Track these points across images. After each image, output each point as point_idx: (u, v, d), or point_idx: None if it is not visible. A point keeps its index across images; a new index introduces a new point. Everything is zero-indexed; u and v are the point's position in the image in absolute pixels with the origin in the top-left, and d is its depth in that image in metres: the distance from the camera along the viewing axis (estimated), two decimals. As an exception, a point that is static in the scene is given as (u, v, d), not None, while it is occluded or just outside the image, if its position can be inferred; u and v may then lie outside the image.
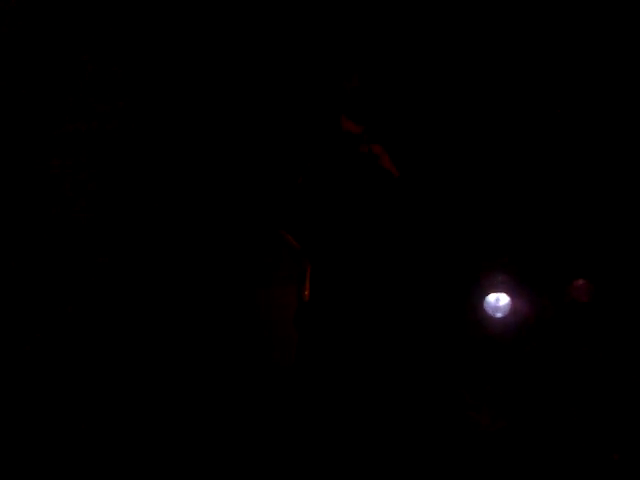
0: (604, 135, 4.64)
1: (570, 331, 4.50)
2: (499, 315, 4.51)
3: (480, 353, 4.49)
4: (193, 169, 4.67)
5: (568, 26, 4.68)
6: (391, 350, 4.25)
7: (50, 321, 4.47)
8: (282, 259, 4.45)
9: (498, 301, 4.52)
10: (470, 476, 4.31)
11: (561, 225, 4.62)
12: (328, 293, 4.19)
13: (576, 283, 4.54)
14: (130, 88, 4.73)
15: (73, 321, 4.48)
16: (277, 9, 4.69)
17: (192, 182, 4.65)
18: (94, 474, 4.22)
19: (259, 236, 4.58)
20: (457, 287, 4.53)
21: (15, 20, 4.69)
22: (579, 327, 4.50)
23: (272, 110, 4.67)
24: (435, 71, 4.64)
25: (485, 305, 4.52)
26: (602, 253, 4.58)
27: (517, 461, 4.32)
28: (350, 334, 4.19)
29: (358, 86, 4.25)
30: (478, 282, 4.53)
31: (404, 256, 4.26)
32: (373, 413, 4.20)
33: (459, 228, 4.59)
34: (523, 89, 4.64)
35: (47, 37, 4.69)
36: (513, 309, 4.51)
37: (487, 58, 4.64)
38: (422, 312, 4.40)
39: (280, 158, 4.58)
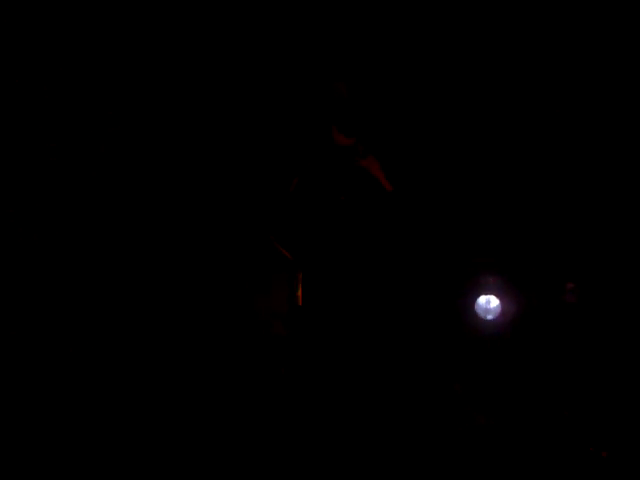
0: (591, 137, 4.65)
1: (560, 333, 4.55)
2: (490, 317, 4.55)
3: (470, 355, 4.55)
4: (188, 179, 4.70)
5: (564, 26, 4.67)
6: (383, 352, 4.33)
7: (50, 321, 4.52)
8: (275, 267, 4.49)
9: (489, 303, 4.56)
10: (462, 474, 4.39)
11: (551, 227, 4.64)
12: (321, 299, 4.26)
13: (566, 285, 4.58)
14: (129, 89, 4.75)
15: (73, 321, 4.53)
16: (267, 19, 4.68)
17: (188, 191, 4.69)
18: (94, 474, 4.30)
19: (252, 245, 4.62)
20: (448, 290, 4.58)
21: (16, 20, 4.71)
22: (568, 329, 4.55)
23: (264, 122, 4.69)
24: (424, 79, 4.64)
25: (476, 307, 4.56)
26: (591, 255, 4.61)
27: (505, 460, 4.41)
28: (343, 338, 4.27)
29: (347, 97, 4.27)
30: (469, 284, 4.57)
31: (395, 259, 4.32)
32: (365, 415, 4.28)
33: (449, 230, 4.61)
34: (513, 102, 4.64)
35: (47, 37, 4.71)
36: (503, 311, 4.54)
37: (476, 66, 4.64)
38: (413, 315, 4.45)
39: (272, 168, 4.60)
